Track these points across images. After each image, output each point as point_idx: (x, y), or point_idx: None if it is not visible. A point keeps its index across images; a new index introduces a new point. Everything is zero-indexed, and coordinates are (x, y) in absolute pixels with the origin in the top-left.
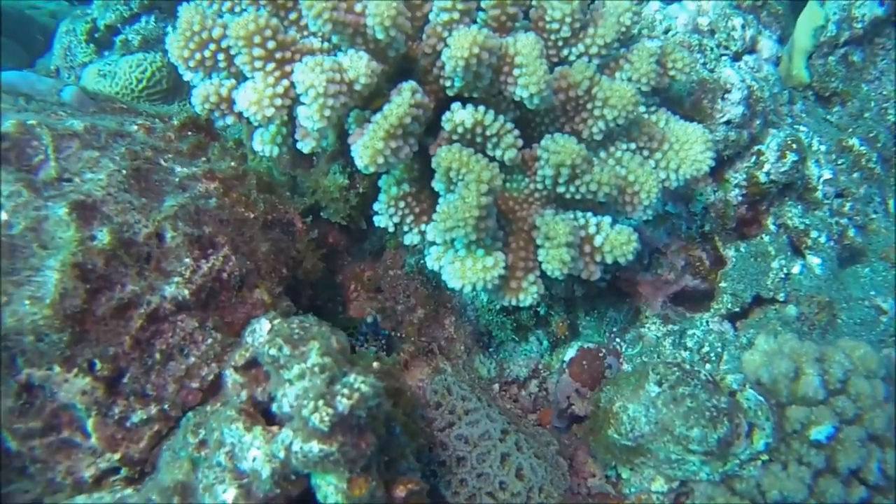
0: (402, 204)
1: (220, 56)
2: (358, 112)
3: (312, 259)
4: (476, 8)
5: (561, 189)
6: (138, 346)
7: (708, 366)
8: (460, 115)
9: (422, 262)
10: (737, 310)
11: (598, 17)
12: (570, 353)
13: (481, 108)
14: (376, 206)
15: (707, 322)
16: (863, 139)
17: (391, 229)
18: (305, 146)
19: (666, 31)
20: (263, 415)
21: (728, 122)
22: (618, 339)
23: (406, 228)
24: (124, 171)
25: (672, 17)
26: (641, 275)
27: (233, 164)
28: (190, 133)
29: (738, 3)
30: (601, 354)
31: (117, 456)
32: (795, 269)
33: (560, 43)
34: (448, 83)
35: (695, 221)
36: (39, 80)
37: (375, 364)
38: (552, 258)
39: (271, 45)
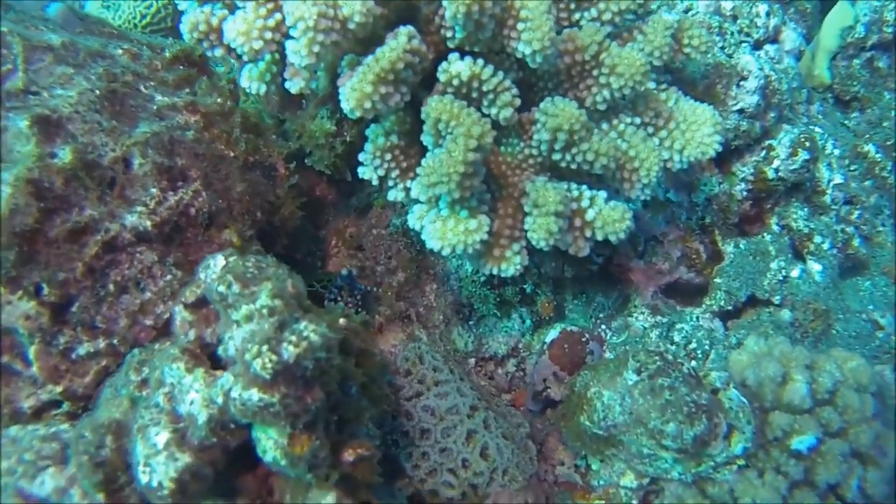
0: (388, 156)
1: None
2: (352, 56)
3: (291, 206)
4: None
5: (556, 156)
6: (91, 275)
7: (693, 362)
8: (457, 67)
9: (407, 223)
10: (729, 308)
11: None
12: (552, 334)
13: (480, 61)
14: (361, 157)
15: (697, 317)
16: (879, 146)
17: (375, 182)
18: (294, 86)
19: (686, 11)
20: (211, 358)
21: (741, 111)
22: (604, 326)
23: (391, 183)
24: (97, 91)
25: None
26: (635, 262)
27: (219, 99)
28: (181, 67)
29: None
30: (584, 339)
31: (59, 389)
32: (794, 273)
33: (572, 5)
34: (449, 34)
35: (696, 212)
36: None
37: (342, 321)
38: (539, 226)
39: None
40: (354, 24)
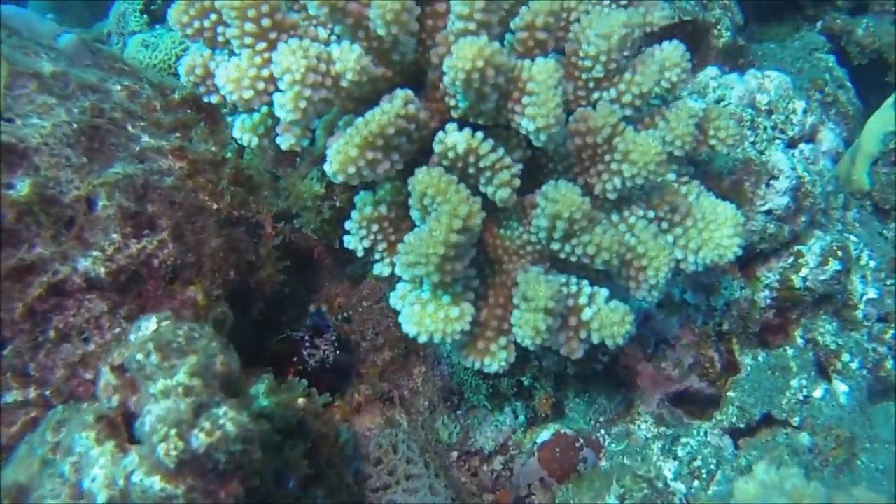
0: (375, 227)
1: (220, 29)
2: (350, 117)
3: (271, 268)
4: (500, 26)
5: (555, 246)
6: (31, 318)
7: (696, 482)
8: (453, 138)
9: None
10: (741, 426)
11: (640, 64)
12: (545, 435)
13: (479, 135)
14: (347, 225)
15: (705, 433)
16: None
17: (360, 254)
18: (284, 142)
19: (718, 101)
20: (132, 429)
21: (769, 212)
22: (603, 431)
23: (377, 256)
24: (75, 125)
25: (728, 88)
26: (643, 365)
27: (213, 148)
28: (189, 111)
29: (808, 92)
30: (578, 444)
31: None
32: (817, 393)
33: (591, 84)
34: (452, 102)
35: (713, 317)
36: (40, 21)
37: (301, 400)
38: (525, 322)
39: (266, 22)
40: (347, 81)
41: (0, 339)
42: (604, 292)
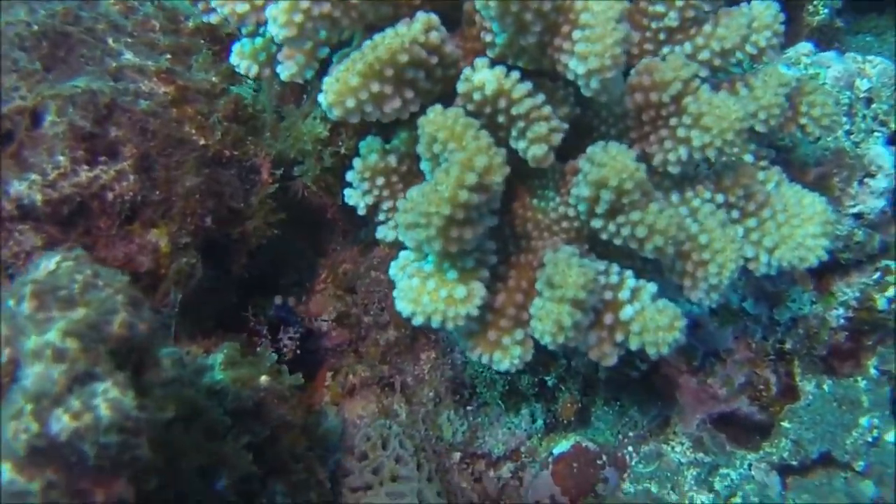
0: (380, 180)
1: None
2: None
3: (260, 220)
4: None
5: (597, 223)
6: None
7: None
8: (481, 76)
9: None
10: (794, 463)
11: (722, 15)
12: (563, 446)
13: (514, 74)
14: (349, 175)
15: (750, 465)
16: None
17: (361, 211)
18: (284, 70)
19: (811, 77)
20: None
21: (859, 216)
22: (630, 448)
23: (381, 216)
24: (36, 27)
25: (823, 67)
26: (686, 378)
27: (213, 78)
28: (202, 41)
29: None
30: (599, 462)
31: None
32: (889, 437)
33: (662, 36)
34: (489, 38)
35: (774, 333)
36: None
37: (263, 378)
38: (546, 314)
39: None
40: None
41: None
42: (651, 288)
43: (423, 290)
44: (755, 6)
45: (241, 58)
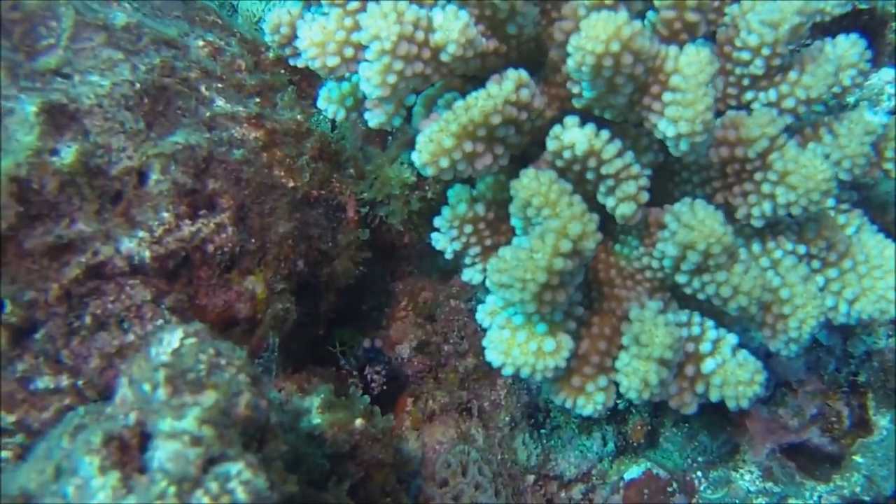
0: (468, 228)
1: None
2: (454, 95)
3: (347, 261)
4: (643, 0)
5: (681, 279)
6: (66, 301)
7: None
8: (571, 136)
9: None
10: (866, 499)
11: (809, 61)
12: (635, 472)
13: (604, 134)
14: (437, 222)
15: (820, 497)
16: None
17: (448, 256)
18: (372, 119)
19: (891, 113)
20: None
21: None
22: (699, 473)
23: (468, 261)
24: (139, 85)
25: None
26: (757, 407)
27: (299, 117)
28: (283, 72)
29: None
30: (670, 489)
31: (12, 418)
32: None
33: (746, 81)
34: (576, 89)
35: (848, 365)
36: None
37: (358, 422)
38: (633, 372)
39: None
40: (449, 55)
41: (32, 320)
42: (731, 340)
43: (513, 343)
44: (840, 43)
45: (328, 102)
